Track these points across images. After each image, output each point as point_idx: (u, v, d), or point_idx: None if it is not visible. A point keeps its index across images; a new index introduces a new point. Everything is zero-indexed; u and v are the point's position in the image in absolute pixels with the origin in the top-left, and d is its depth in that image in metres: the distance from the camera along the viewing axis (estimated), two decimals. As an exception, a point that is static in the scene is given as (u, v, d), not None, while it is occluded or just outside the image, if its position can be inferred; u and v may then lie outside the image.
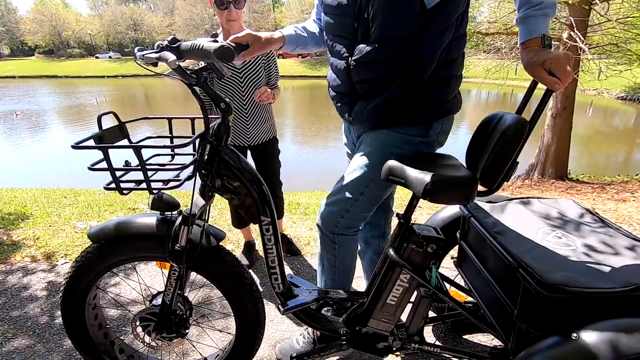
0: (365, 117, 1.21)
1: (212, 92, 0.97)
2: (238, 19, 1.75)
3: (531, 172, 6.43)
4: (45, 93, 25.76)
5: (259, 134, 2.00)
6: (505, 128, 0.99)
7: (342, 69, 1.18)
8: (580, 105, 16.59)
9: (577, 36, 5.02)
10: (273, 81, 2.01)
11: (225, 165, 1.05)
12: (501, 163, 1.01)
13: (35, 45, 50.90)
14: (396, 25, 1.05)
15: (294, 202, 3.54)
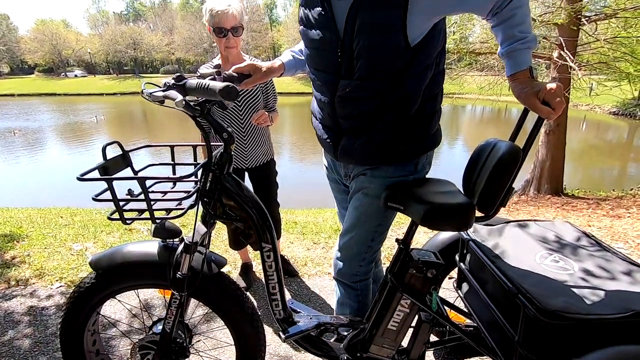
0: (353, 155, 1.19)
1: (215, 122, 0.99)
2: (236, 46, 1.78)
3: (527, 187, 6.48)
4: (43, 111, 25.87)
5: (256, 156, 2.02)
6: (500, 155, 1.02)
7: (326, 102, 1.17)
8: (573, 120, 16.89)
9: (567, 55, 5.16)
10: (271, 104, 2.04)
11: (227, 193, 1.06)
12: (497, 189, 1.03)
13: (35, 64, 51.43)
14: (381, 63, 1.03)
15: (290, 221, 3.54)
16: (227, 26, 1.70)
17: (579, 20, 5.37)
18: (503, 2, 0.97)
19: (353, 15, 0.99)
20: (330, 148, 1.25)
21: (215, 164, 1.04)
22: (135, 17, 59.49)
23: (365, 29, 0.99)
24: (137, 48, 47.60)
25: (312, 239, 2.96)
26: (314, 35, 1.11)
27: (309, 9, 1.11)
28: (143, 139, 14.91)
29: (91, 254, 2.68)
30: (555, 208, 4.49)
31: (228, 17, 1.67)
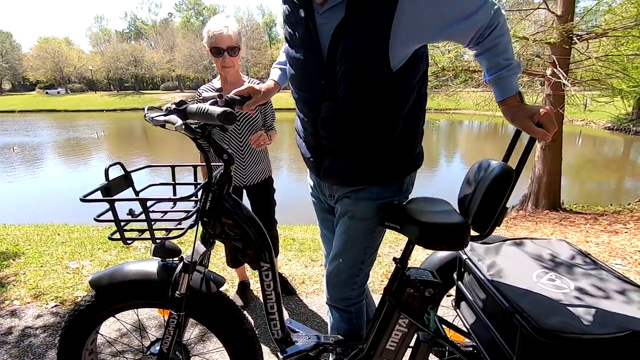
0: (337, 176, 1.18)
1: (215, 144, 1.01)
2: (232, 65, 1.83)
3: (525, 202, 6.50)
4: (43, 127, 26.02)
5: (254, 174, 2.04)
6: (493, 176, 1.04)
7: (309, 122, 1.16)
8: (569, 135, 17.07)
9: (559, 73, 5.26)
10: (269, 123, 2.07)
11: (227, 213, 1.07)
12: (491, 210, 1.04)
13: (37, 81, 52.01)
14: (364, 87, 1.02)
15: (289, 238, 3.53)
16: (223, 46, 1.75)
17: (571, 39, 5.51)
18: (485, 31, 0.98)
19: (336, 40, 1.00)
20: (314, 168, 1.25)
21: (215, 184, 1.05)
22: (136, 36, 60.57)
23: (349, 54, 0.99)
24: (138, 65, 48.30)
25: (309, 256, 2.95)
26: (298, 56, 1.11)
27: (292, 28, 1.12)
28: (143, 154, 14.97)
29: (87, 272, 2.66)
30: (553, 224, 4.50)
31: (224, 38, 1.74)
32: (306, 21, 1.05)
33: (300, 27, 1.08)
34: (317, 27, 1.04)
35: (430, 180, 10.74)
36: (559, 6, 5.60)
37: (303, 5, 1.04)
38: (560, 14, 5.56)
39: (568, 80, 5.38)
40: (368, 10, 0.94)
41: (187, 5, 60.80)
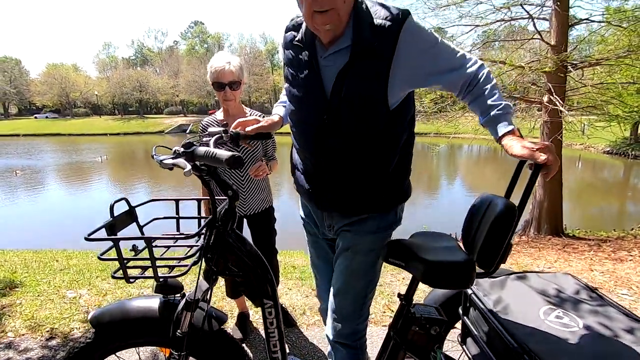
0: (338, 205, 1.23)
1: (220, 181, 1.02)
2: (234, 99, 1.89)
3: (527, 228, 6.45)
4: (47, 150, 26.28)
5: (255, 204, 2.05)
6: (497, 214, 1.04)
7: (311, 155, 1.22)
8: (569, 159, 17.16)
9: (556, 100, 5.36)
10: (270, 153, 2.10)
11: (231, 250, 1.07)
12: (496, 247, 1.04)
13: (43, 105, 53.01)
14: (366, 124, 1.10)
15: (289, 265, 3.49)
16: (225, 81, 1.83)
17: (566, 68, 5.65)
18: (473, 81, 1.09)
19: (340, 82, 1.09)
20: (313, 198, 1.29)
21: (220, 220, 1.05)
22: (142, 62, 62.21)
23: (352, 95, 1.08)
24: (142, 90, 49.33)
25: (310, 285, 2.90)
26: (301, 94, 1.19)
27: (295, 70, 1.19)
28: (144, 179, 15.02)
29: (85, 301, 2.61)
30: (556, 250, 4.45)
31: (225, 73, 1.82)
32: (310, 63, 1.13)
33: (304, 68, 1.16)
34: (321, 69, 1.13)
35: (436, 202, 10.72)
36: (552, 36, 5.78)
37: (308, 48, 1.14)
38: (554, 43, 5.73)
39: (565, 107, 5.48)
40: (370, 58, 1.05)
41: (192, 34, 62.80)
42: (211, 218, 1.05)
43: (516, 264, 3.65)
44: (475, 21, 6.15)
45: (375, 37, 1.04)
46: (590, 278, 3.13)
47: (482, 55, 7.04)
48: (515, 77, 6.18)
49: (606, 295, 1.23)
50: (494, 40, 6.93)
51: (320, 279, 1.49)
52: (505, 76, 6.10)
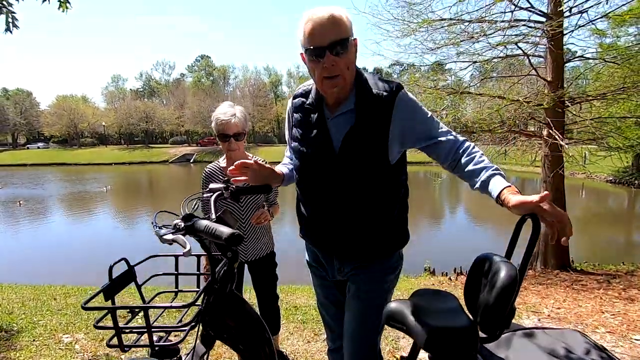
0: (347, 251, 1.35)
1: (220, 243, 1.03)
2: (238, 148, 1.96)
3: (533, 261, 6.32)
4: (51, 180, 26.54)
5: (256, 250, 2.06)
6: (498, 281, 1.03)
7: (321, 206, 1.35)
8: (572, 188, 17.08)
9: (555, 134, 5.42)
10: (272, 198, 2.11)
11: (229, 313, 1.05)
12: (499, 313, 1.02)
13: (51, 135, 54.10)
14: (370, 176, 1.27)
15: (290, 305, 3.41)
16: (230, 133, 1.91)
17: (563, 103, 5.75)
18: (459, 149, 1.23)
19: (347, 141, 1.26)
20: (321, 245, 1.42)
21: (218, 281, 1.05)
22: (150, 94, 64.00)
23: (358, 152, 1.25)
24: (149, 121, 50.42)
25: (313, 329, 2.82)
26: (310, 151, 1.33)
27: (304, 130, 1.35)
28: (148, 209, 15.04)
29: (81, 347, 2.55)
30: (564, 287, 4.33)
31: (230, 126, 1.90)
32: (319, 124, 1.31)
33: (313, 128, 1.32)
34: (330, 129, 1.30)
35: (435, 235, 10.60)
36: (548, 73, 5.93)
37: (317, 111, 1.32)
38: (550, 79, 5.86)
39: (564, 140, 5.53)
40: (372, 121, 1.24)
41: (199, 67, 65.01)
42: (209, 282, 1.04)
43: (524, 304, 3.55)
44: (473, 57, 6.34)
45: (375, 103, 1.24)
46: (601, 321, 3.03)
47: (480, 89, 7.20)
48: (514, 112, 6.29)
49: (615, 356, 1.19)
50: (491, 76, 7.10)
51: (330, 320, 1.55)
52: (504, 110, 6.21)
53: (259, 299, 2.13)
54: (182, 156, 42.07)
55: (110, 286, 0.99)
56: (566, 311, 3.33)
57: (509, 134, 6.59)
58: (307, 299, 3.74)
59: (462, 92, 6.35)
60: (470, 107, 7.63)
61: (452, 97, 6.68)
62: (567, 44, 6.25)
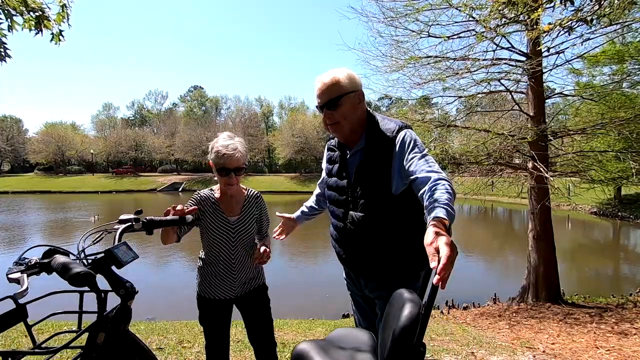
0: (365, 270, 1.56)
1: (113, 277, 0.99)
2: (236, 183, 1.83)
3: (525, 294, 6.27)
4: (34, 208, 25.77)
5: (245, 282, 1.89)
6: (399, 320, 1.00)
7: (341, 228, 1.61)
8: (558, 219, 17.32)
9: (540, 167, 5.56)
10: (264, 230, 2.02)
11: (123, 356, 0.99)
12: (401, 351, 0.98)
13: (36, 162, 53.15)
14: (374, 203, 1.49)
15: (278, 342, 3.25)
16: (231, 167, 1.76)
17: (546, 137, 5.95)
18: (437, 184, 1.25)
19: (357, 173, 1.55)
20: (345, 262, 1.66)
21: (109, 320, 0.97)
22: (141, 122, 64.14)
23: (365, 182, 1.52)
24: (138, 149, 50.17)
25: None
26: (333, 182, 1.66)
27: (332, 164, 1.70)
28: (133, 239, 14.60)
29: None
30: (557, 321, 4.27)
31: (232, 160, 1.75)
32: (341, 160, 1.64)
33: (335, 163, 1.67)
34: (347, 163, 1.61)
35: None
36: (530, 108, 6.18)
37: (339, 150, 1.66)
38: (532, 114, 6.10)
39: (549, 172, 5.67)
40: (377, 157, 1.49)
41: (191, 97, 65.89)
42: (95, 321, 0.96)
43: (517, 339, 3.47)
44: (458, 92, 6.59)
45: (381, 142, 1.49)
46: (597, 357, 2.96)
47: (466, 123, 7.43)
48: (500, 145, 6.47)
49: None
50: (476, 111, 7.35)
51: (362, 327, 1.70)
52: (489, 143, 6.39)
53: (254, 345, 1.93)
54: (170, 185, 41.62)
55: None
56: (561, 347, 3.27)
57: (495, 166, 6.74)
58: (296, 334, 3.59)
59: (449, 125, 6.54)
60: (457, 139, 7.83)
61: (439, 130, 6.88)
62: (547, 82, 6.58)
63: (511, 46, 5.79)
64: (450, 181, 1.30)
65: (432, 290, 0.98)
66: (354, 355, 1.11)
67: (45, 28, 2.88)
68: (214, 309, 1.87)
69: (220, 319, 1.88)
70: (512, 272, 10.00)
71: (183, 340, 3.34)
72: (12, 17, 2.72)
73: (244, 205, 1.90)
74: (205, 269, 1.88)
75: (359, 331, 1.27)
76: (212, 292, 1.86)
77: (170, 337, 3.46)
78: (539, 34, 4.13)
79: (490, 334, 3.90)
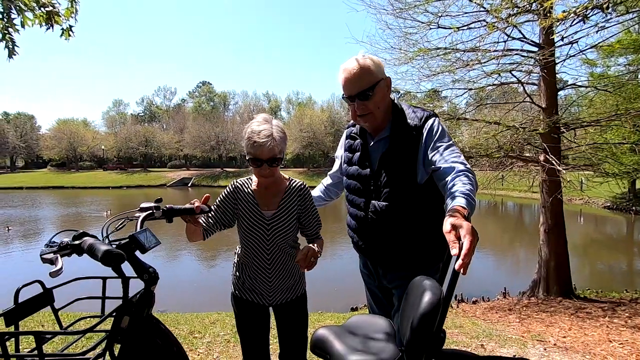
0: (383, 259, 1.54)
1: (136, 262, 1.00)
2: (271, 175, 1.56)
3: (535, 288, 6.21)
4: (47, 202, 26.29)
5: (282, 291, 1.60)
6: (420, 306, 0.99)
7: (361, 217, 1.56)
8: (570, 214, 17.04)
9: (552, 159, 5.46)
10: (314, 230, 1.65)
11: (146, 341, 1.00)
12: (419, 340, 0.98)
13: (49, 158, 54.18)
14: (398, 192, 1.45)
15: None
16: (264, 157, 1.49)
17: (558, 129, 5.83)
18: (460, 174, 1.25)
19: (382, 162, 1.50)
20: (363, 251, 1.62)
21: (133, 304, 0.99)
22: (150, 119, 64.76)
23: (390, 172, 1.47)
24: (148, 145, 50.75)
25: None
26: (354, 171, 1.60)
27: (352, 153, 1.65)
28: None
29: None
30: (569, 315, 4.23)
31: (264, 150, 1.47)
32: (363, 148, 1.58)
33: (356, 151, 1.62)
34: (370, 152, 1.56)
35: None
36: (542, 100, 6.06)
37: (361, 137, 1.61)
38: (544, 106, 5.99)
39: (561, 165, 5.57)
40: (403, 145, 1.45)
41: (200, 93, 66.25)
42: (120, 305, 0.97)
43: (528, 332, 3.44)
44: (468, 85, 6.49)
45: (408, 130, 1.45)
46: (610, 350, 2.93)
47: (475, 115, 7.32)
48: (510, 137, 6.37)
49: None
50: (487, 103, 7.23)
51: None
52: (500, 136, 6.29)
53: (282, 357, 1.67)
54: (179, 180, 42.04)
55: (13, 310, 0.90)
56: (573, 340, 3.23)
57: (505, 159, 6.64)
58: (305, 327, 3.61)
59: (458, 117, 6.46)
60: (466, 132, 7.73)
61: (449, 123, 6.79)
62: (560, 73, 6.43)
63: (523, 36, 5.68)
64: (474, 174, 1.28)
65: (453, 277, 0.97)
66: (372, 341, 1.10)
67: (55, 23, 2.91)
68: (249, 311, 1.62)
69: (255, 324, 1.62)
70: (522, 267, 9.90)
71: (194, 331, 3.39)
72: (23, 12, 2.76)
73: (282, 199, 1.60)
74: (239, 267, 1.66)
75: (377, 318, 1.25)
76: (245, 293, 1.62)
77: (181, 327, 3.51)
78: (552, 22, 4.04)
79: (500, 327, 3.88)
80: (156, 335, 1.05)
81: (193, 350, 2.89)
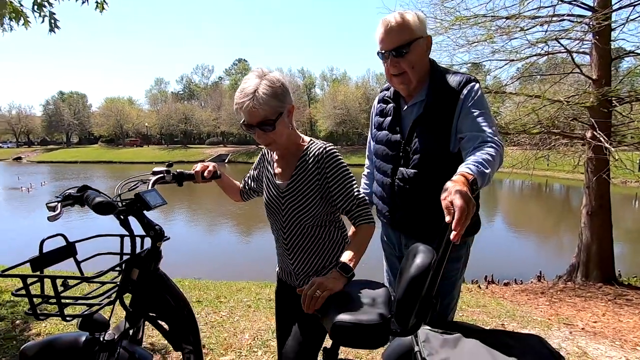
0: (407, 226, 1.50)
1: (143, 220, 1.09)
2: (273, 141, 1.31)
3: (573, 273, 5.89)
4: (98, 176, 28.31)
5: (306, 274, 1.36)
6: (409, 271, 1.00)
7: (388, 184, 1.51)
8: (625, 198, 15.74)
9: (600, 136, 5.01)
10: (348, 207, 1.29)
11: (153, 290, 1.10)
12: (408, 304, 0.98)
13: (100, 135, 58.05)
14: (429, 160, 1.38)
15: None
16: (253, 122, 1.24)
17: (610, 102, 5.32)
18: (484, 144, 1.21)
19: (415, 127, 1.42)
20: (388, 218, 1.57)
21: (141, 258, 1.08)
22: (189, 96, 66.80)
23: (422, 138, 1.40)
24: (187, 122, 52.66)
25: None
26: (384, 136, 1.54)
27: (383, 117, 1.57)
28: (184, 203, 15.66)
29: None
30: (605, 301, 3.99)
31: (245, 112, 1.23)
32: (395, 112, 1.51)
33: (388, 116, 1.54)
34: (402, 117, 1.49)
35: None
36: (594, 70, 5.52)
37: (394, 101, 1.52)
38: (595, 77, 5.45)
39: (612, 143, 5.10)
40: (439, 112, 1.37)
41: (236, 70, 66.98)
42: (128, 259, 1.07)
43: (556, 315, 3.31)
44: (510, 56, 6.02)
45: (444, 96, 1.36)
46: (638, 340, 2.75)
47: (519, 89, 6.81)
48: (554, 112, 5.90)
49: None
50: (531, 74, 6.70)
51: None
52: (542, 111, 5.85)
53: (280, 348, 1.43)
54: (217, 156, 43.52)
55: (39, 258, 0.97)
56: (603, 325, 3.06)
57: (548, 136, 6.19)
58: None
59: (495, 91, 6.05)
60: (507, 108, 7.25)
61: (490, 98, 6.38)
62: (617, 40, 5.78)
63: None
64: (501, 145, 1.21)
65: (446, 244, 0.95)
66: (369, 306, 1.12)
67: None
68: (281, 291, 1.49)
69: (286, 306, 1.46)
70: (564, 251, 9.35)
71: (220, 296, 3.59)
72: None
73: (295, 168, 1.33)
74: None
75: (375, 283, 1.27)
76: (281, 271, 1.48)
77: (209, 292, 3.73)
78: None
79: (526, 308, 3.75)
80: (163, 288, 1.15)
81: (217, 313, 3.07)
